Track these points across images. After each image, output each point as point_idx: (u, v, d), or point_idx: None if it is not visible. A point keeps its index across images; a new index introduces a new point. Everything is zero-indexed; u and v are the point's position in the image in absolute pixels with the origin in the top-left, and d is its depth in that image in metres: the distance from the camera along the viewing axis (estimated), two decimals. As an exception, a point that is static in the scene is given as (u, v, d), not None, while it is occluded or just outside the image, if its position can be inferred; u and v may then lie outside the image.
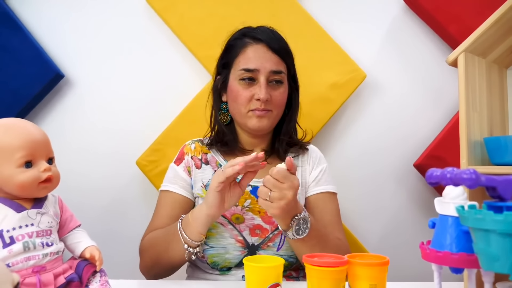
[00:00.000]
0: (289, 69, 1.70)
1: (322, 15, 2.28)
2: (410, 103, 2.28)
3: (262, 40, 1.64)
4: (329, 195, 1.71)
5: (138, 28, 2.29)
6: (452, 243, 0.88)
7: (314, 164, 1.75)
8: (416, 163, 2.18)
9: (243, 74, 1.62)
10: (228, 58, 1.70)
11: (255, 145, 1.72)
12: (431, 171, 0.81)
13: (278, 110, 1.66)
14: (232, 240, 1.56)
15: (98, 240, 2.14)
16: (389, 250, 2.24)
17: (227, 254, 1.55)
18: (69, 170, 2.16)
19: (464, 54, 1.22)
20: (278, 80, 1.64)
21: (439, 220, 0.93)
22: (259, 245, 1.57)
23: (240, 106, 1.63)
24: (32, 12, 2.27)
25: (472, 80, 1.26)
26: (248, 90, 1.61)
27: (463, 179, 0.73)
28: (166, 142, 2.17)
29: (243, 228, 1.58)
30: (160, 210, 1.66)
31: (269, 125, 1.65)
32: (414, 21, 2.28)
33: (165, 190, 1.68)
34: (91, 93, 2.28)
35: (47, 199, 1.14)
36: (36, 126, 1.13)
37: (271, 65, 1.62)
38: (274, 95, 1.62)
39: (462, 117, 1.22)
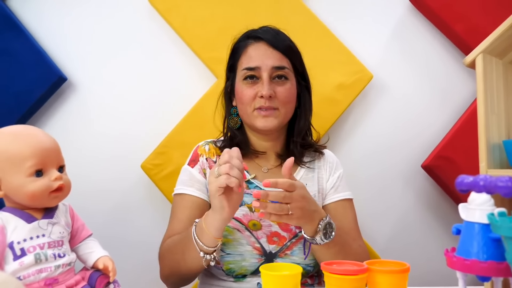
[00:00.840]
0: (295, 66, 1.66)
1: (327, 15, 2.26)
2: (417, 103, 2.26)
3: (262, 38, 1.62)
4: (348, 202, 1.69)
5: (141, 30, 2.27)
6: (479, 250, 0.86)
7: (332, 170, 1.71)
8: (424, 164, 2.16)
9: (246, 74, 1.60)
10: (233, 61, 1.69)
11: (268, 148, 1.69)
12: (461, 178, 0.78)
13: (285, 108, 1.61)
14: (249, 247, 1.53)
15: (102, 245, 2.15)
16: (396, 251, 2.23)
17: (243, 261, 1.52)
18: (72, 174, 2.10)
19: (482, 55, 1.20)
20: (282, 75, 1.60)
21: (464, 227, 0.90)
22: (277, 253, 1.54)
23: (245, 106, 1.60)
24: (34, 14, 2.24)
25: (490, 81, 1.24)
26: (251, 89, 1.59)
27: (498, 187, 0.71)
28: (171, 145, 2.14)
29: (261, 235, 1.54)
30: (178, 213, 1.60)
31: (277, 124, 1.59)
32: (419, 21, 2.26)
33: (181, 194, 1.61)
34: (94, 96, 2.25)
35: (58, 209, 1.11)
36: (46, 134, 1.10)
37: (273, 61, 1.59)
38: (279, 91, 1.58)
39: (481, 119, 1.20)
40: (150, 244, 1.69)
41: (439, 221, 2.24)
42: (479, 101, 1.20)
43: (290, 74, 1.63)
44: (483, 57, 1.19)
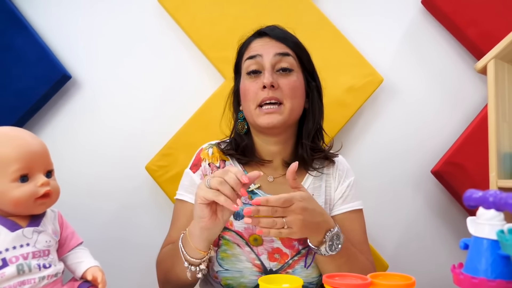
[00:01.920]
0: (301, 60, 1.57)
1: (338, 16, 2.22)
2: (427, 107, 2.22)
3: (266, 32, 1.55)
4: (356, 213, 1.58)
5: (149, 29, 2.23)
6: (488, 268, 0.81)
7: (341, 178, 1.61)
8: (433, 170, 2.12)
9: (249, 66, 1.52)
10: (238, 61, 1.63)
11: (275, 155, 1.59)
12: (470, 193, 0.74)
13: (291, 102, 1.49)
14: (249, 264, 1.46)
15: (105, 247, 2.13)
16: (405, 258, 2.20)
17: (242, 278, 1.45)
18: (76, 174, 2.15)
19: (494, 61, 1.16)
20: (287, 68, 1.50)
21: (473, 242, 0.86)
22: (277, 271, 1.46)
23: (249, 103, 1.51)
24: (38, 10, 2.21)
25: (501, 88, 1.19)
26: (254, 83, 1.50)
27: (509, 204, 0.66)
28: (176, 146, 2.11)
29: (261, 251, 1.46)
30: (176, 221, 1.56)
31: (281, 121, 1.48)
32: (432, 24, 2.22)
33: (182, 200, 1.56)
34: (99, 95, 2.22)
35: (45, 216, 1.06)
36: (33, 136, 1.05)
37: (275, 49, 1.51)
38: (283, 83, 1.49)
39: (492, 127, 1.15)
40: (154, 245, 1.65)
41: (449, 227, 2.20)
42: (490, 108, 1.15)
43: (296, 66, 1.54)
44: (495, 62, 1.15)
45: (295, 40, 1.58)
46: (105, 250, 2.17)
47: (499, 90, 1.18)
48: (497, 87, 1.17)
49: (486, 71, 1.17)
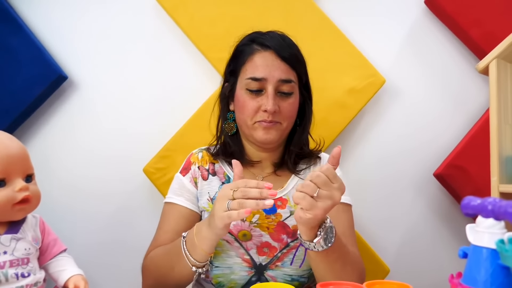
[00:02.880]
0: (300, 78, 1.58)
1: (340, 16, 2.18)
2: (430, 109, 2.18)
3: (270, 47, 1.52)
4: (342, 206, 1.56)
5: (146, 28, 2.20)
6: (487, 279, 0.77)
7: None
8: (436, 173, 2.08)
9: (250, 84, 1.51)
10: (235, 65, 1.59)
11: (264, 158, 1.62)
12: (468, 200, 0.70)
13: (287, 122, 1.54)
14: (238, 260, 1.46)
15: (102, 249, 2.10)
16: (406, 260, 2.17)
17: (232, 274, 1.45)
18: (73, 176, 2.13)
19: (496, 61, 1.12)
20: (288, 91, 1.52)
21: (471, 251, 0.82)
22: (267, 264, 1.47)
23: (246, 117, 1.52)
24: (33, 9, 2.18)
25: (504, 89, 1.15)
26: (255, 101, 1.50)
27: (508, 213, 0.62)
28: (175, 148, 2.08)
29: (250, 246, 1.47)
30: (164, 224, 1.55)
31: (277, 138, 1.53)
32: (435, 25, 2.18)
33: (170, 203, 1.57)
34: (96, 96, 2.19)
35: (25, 222, 1.02)
36: (12, 138, 1.01)
37: (280, 73, 1.50)
38: (283, 106, 1.51)
39: (493, 130, 1.11)
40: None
41: (451, 230, 2.17)
42: (491, 110, 1.11)
43: (295, 87, 1.55)
44: (497, 63, 1.11)
45: (296, 54, 1.57)
46: (103, 253, 2.16)
47: (502, 91, 1.13)
48: (499, 88, 1.13)
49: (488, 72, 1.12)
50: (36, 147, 2.17)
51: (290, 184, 1.59)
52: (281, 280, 1.46)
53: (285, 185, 1.58)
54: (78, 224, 2.16)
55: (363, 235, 2.11)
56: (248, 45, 1.57)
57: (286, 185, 1.58)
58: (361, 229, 2.11)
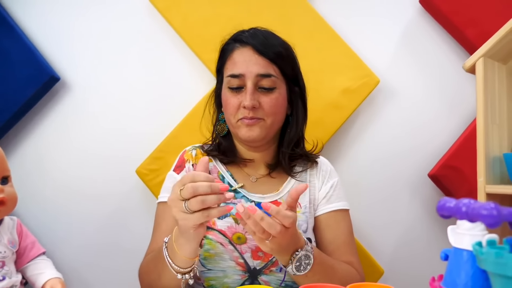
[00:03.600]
0: (284, 72, 1.55)
1: (334, 17, 2.16)
2: (425, 109, 2.16)
3: (248, 43, 1.51)
4: (342, 213, 1.56)
5: (139, 29, 2.19)
6: (467, 282, 0.75)
7: (325, 179, 1.61)
8: (430, 173, 2.06)
9: (230, 81, 1.50)
10: (220, 65, 1.60)
11: (256, 157, 1.61)
12: (443, 201, 0.68)
13: (271, 119, 1.50)
14: (232, 263, 1.43)
15: (97, 250, 2.10)
16: (402, 263, 2.15)
17: (226, 278, 1.43)
18: (66, 177, 2.13)
19: (483, 60, 1.10)
20: (269, 86, 1.50)
21: (453, 254, 0.80)
22: (261, 269, 1.43)
23: (229, 116, 1.52)
24: (25, 11, 2.16)
25: (491, 88, 1.13)
26: (236, 98, 1.50)
27: (482, 215, 0.61)
28: (168, 149, 2.06)
29: (245, 249, 1.43)
30: (161, 225, 1.51)
31: (262, 135, 1.50)
32: (430, 24, 2.16)
33: (165, 202, 1.46)
34: (89, 97, 2.17)
35: (1, 224, 1.00)
36: None
37: (258, 68, 1.48)
38: (264, 102, 1.49)
39: (480, 130, 1.10)
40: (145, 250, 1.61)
41: (446, 232, 2.12)
42: (478, 110, 1.10)
43: (278, 82, 1.52)
44: (484, 61, 1.08)
45: (278, 49, 1.54)
46: (98, 255, 2.15)
47: (489, 90, 1.12)
48: (486, 87, 1.11)
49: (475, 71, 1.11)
50: (30, 148, 2.16)
51: (286, 187, 1.56)
52: (274, 285, 1.44)
53: (280, 188, 1.55)
54: (73, 225, 2.15)
55: (358, 237, 2.08)
56: (230, 44, 1.57)
57: (282, 188, 1.56)
58: (356, 231, 2.09)
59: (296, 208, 1.21)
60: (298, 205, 1.51)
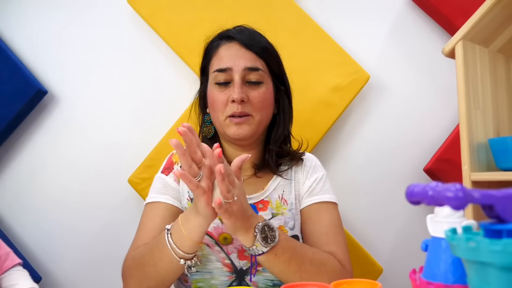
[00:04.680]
0: (271, 68, 1.54)
1: (320, 13, 2.14)
2: (418, 103, 2.13)
3: (235, 38, 1.50)
4: (325, 205, 1.52)
5: (125, 38, 2.17)
6: (447, 272, 0.72)
7: (308, 173, 1.58)
8: (426, 168, 2.03)
9: (217, 76, 1.48)
10: (204, 63, 1.58)
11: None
12: (412, 187, 0.64)
13: (260, 114, 1.48)
14: (219, 264, 1.41)
15: (92, 264, 2.08)
16: (401, 259, 2.11)
17: (213, 279, 1.41)
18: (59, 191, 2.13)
19: (462, 43, 1.06)
20: (256, 79, 1.48)
21: (431, 243, 0.77)
22: (248, 269, 1.42)
23: (217, 113, 1.48)
24: (8, 23, 2.16)
25: (473, 72, 1.10)
26: (223, 93, 1.47)
27: (447, 198, 0.57)
28: (159, 157, 2.01)
29: (231, 250, 1.42)
30: (147, 223, 1.46)
31: (251, 132, 1.48)
32: (419, 16, 2.13)
33: (154, 202, 1.49)
34: (78, 109, 2.16)
35: None
36: None
37: (245, 62, 1.47)
38: (252, 96, 1.47)
39: (462, 116, 1.06)
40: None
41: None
42: (459, 95, 1.06)
43: (265, 77, 1.51)
44: (463, 44, 1.05)
45: (264, 44, 1.54)
46: (93, 268, 2.13)
47: (470, 74, 1.08)
48: (467, 71, 1.07)
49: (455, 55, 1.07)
50: (22, 164, 2.15)
51: (271, 185, 1.54)
52: (262, 285, 1.42)
53: (266, 187, 1.53)
54: (67, 240, 2.13)
55: (355, 235, 2.06)
56: (215, 41, 1.55)
57: (267, 186, 1.53)
58: (353, 229, 2.07)
59: (240, 177, 1.23)
60: (284, 202, 1.51)
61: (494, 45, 1.15)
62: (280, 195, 1.52)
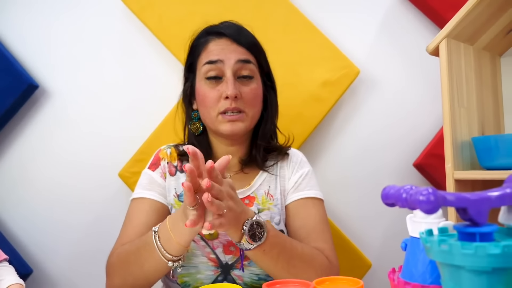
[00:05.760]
0: (260, 64, 1.56)
1: (310, 8, 2.13)
2: (408, 98, 2.13)
3: (225, 33, 1.50)
4: (312, 201, 1.54)
5: (116, 32, 2.17)
6: (424, 272, 0.72)
7: (294, 169, 1.59)
8: (415, 163, 2.03)
9: (208, 70, 1.48)
10: (192, 59, 1.57)
11: (231, 153, 1.54)
12: (387, 189, 0.64)
13: (252, 111, 1.50)
14: (204, 259, 1.42)
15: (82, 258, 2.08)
16: (390, 255, 2.10)
17: (198, 274, 1.42)
18: (51, 185, 2.13)
19: (446, 41, 1.06)
20: (247, 74, 1.49)
21: (410, 243, 0.77)
22: (233, 264, 1.43)
23: (209, 110, 1.48)
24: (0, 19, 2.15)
25: (457, 70, 1.10)
26: (215, 90, 1.47)
27: (419, 202, 0.57)
28: (149, 151, 2.02)
29: (216, 245, 1.43)
30: (133, 219, 1.48)
31: (244, 129, 1.49)
32: (410, 10, 2.12)
33: (139, 198, 1.51)
34: (69, 103, 2.16)
35: None
36: None
37: (237, 55, 1.47)
38: (245, 92, 1.47)
39: (446, 114, 1.06)
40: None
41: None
42: (443, 93, 1.06)
43: (256, 72, 1.53)
44: (448, 42, 1.05)
45: (254, 40, 1.56)
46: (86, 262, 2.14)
47: (454, 72, 1.08)
48: (451, 69, 1.07)
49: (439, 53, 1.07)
50: (13, 158, 2.15)
51: (257, 181, 1.56)
52: (247, 280, 1.43)
53: (252, 182, 1.55)
54: (58, 233, 2.14)
55: (345, 230, 2.06)
56: (203, 37, 1.55)
57: (253, 182, 1.55)
58: (343, 224, 2.08)
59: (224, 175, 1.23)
60: (270, 197, 1.53)
61: (479, 42, 1.14)
62: (266, 191, 1.53)
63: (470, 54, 1.12)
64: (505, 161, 1.04)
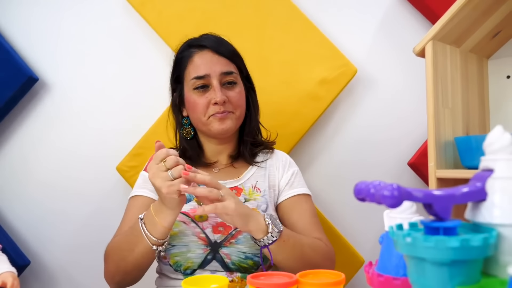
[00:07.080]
0: (241, 70, 1.70)
1: (309, 6, 2.15)
2: (404, 98, 2.14)
3: (207, 46, 1.64)
4: (304, 197, 1.67)
5: (116, 26, 2.19)
6: (397, 265, 0.75)
7: (285, 168, 1.72)
8: (410, 162, 2.04)
9: (196, 83, 1.61)
10: (178, 71, 1.69)
11: (220, 152, 1.72)
12: (359, 185, 0.67)
13: (239, 111, 1.64)
14: (194, 238, 1.52)
15: (79, 249, 2.10)
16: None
17: (189, 252, 1.51)
18: (51, 177, 2.15)
19: (432, 43, 1.08)
20: (231, 81, 1.63)
21: (385, 238, 0.80)
22: (222, 242, 1.52)
23: (199, 115, 1.61)
24: (1, 11, 2.17)
25: (443, 72, 1.12)
26: (204, 97, 1.60)
27: (383, 197, 0.60)
28: (147, 146, 2.06)
29: (206, 225, 1.54)
30: (128, 215, 1.62)
31: (233, 126, 1.63)
32: (408, 11, 2.13)
33: (134, 196, 1.64)
34: (68, 96, 2.19)
35: None
36: None
37: (221, 67, 1.61)
38: (231, 96, 1.61)
39: (430, 114, 1.09)
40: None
41: (428, 221, 2.12)
42: (428, 94, 1.09)
43: (238, 77, 1.67)
44: (433, 44, 1.07)
45: (233, 49, 1.69)
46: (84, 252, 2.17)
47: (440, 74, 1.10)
48: (437, 70, 1.10)
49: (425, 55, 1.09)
50: (13, 149, 2.18)
51: (246, 175, 1.68)
52: (235, 258, 1.50)
53: (241, 175, 1.66)
54: (56, 224, 2.17)
55: (338, 227, 2.09)
56: (186, 50, 1.67)
57: (242, 175, 1.67)
58: (337, 220, 2.10)
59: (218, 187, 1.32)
60: (257, 190, 1.64)
61: (466, 45, 1.17)
62: (253, 184, 1.64)
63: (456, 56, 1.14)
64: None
